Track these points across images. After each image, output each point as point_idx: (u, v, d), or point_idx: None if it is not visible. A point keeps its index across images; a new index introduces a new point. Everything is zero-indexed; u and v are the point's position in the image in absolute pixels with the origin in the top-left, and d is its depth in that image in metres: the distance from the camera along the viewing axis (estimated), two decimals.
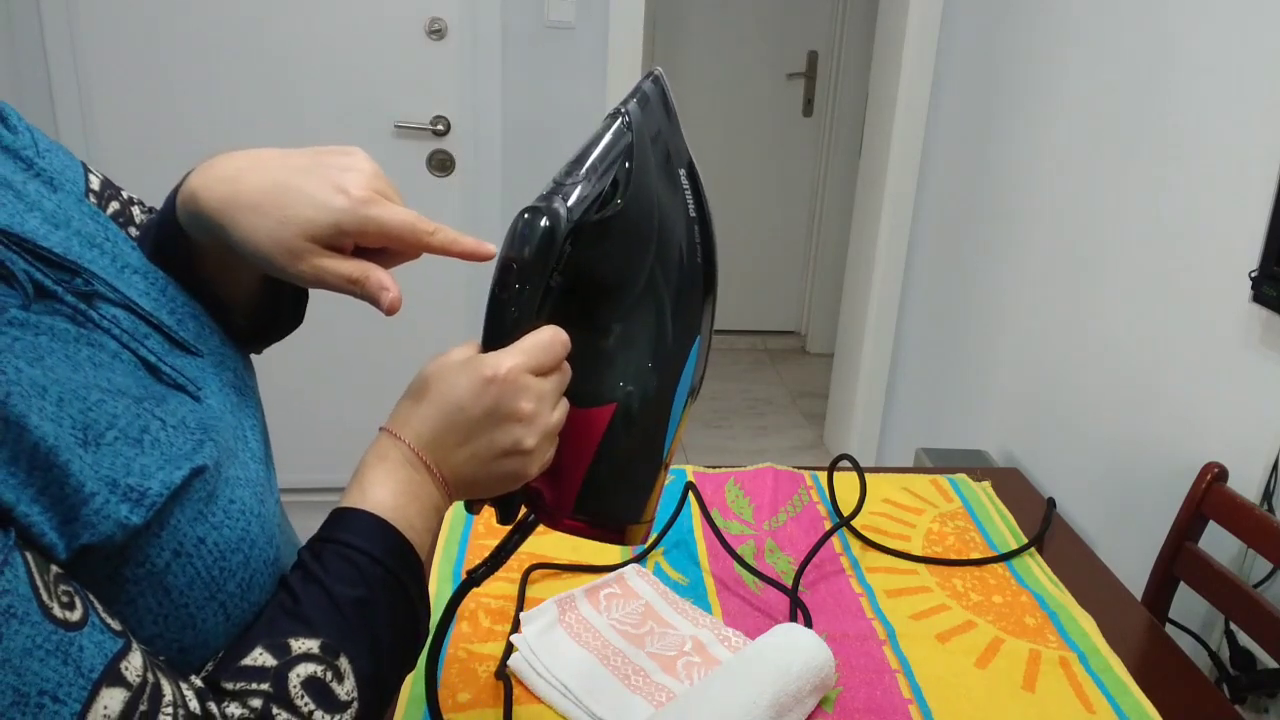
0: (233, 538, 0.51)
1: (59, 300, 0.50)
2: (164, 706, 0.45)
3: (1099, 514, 1.67)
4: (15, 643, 0.40)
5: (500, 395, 0.57)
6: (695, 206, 0.69)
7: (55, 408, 0.44)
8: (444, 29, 2.43)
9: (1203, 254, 1.44)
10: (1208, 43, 1.44)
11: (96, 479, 0.45)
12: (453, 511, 1.23)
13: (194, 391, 0.55)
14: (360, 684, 0.52)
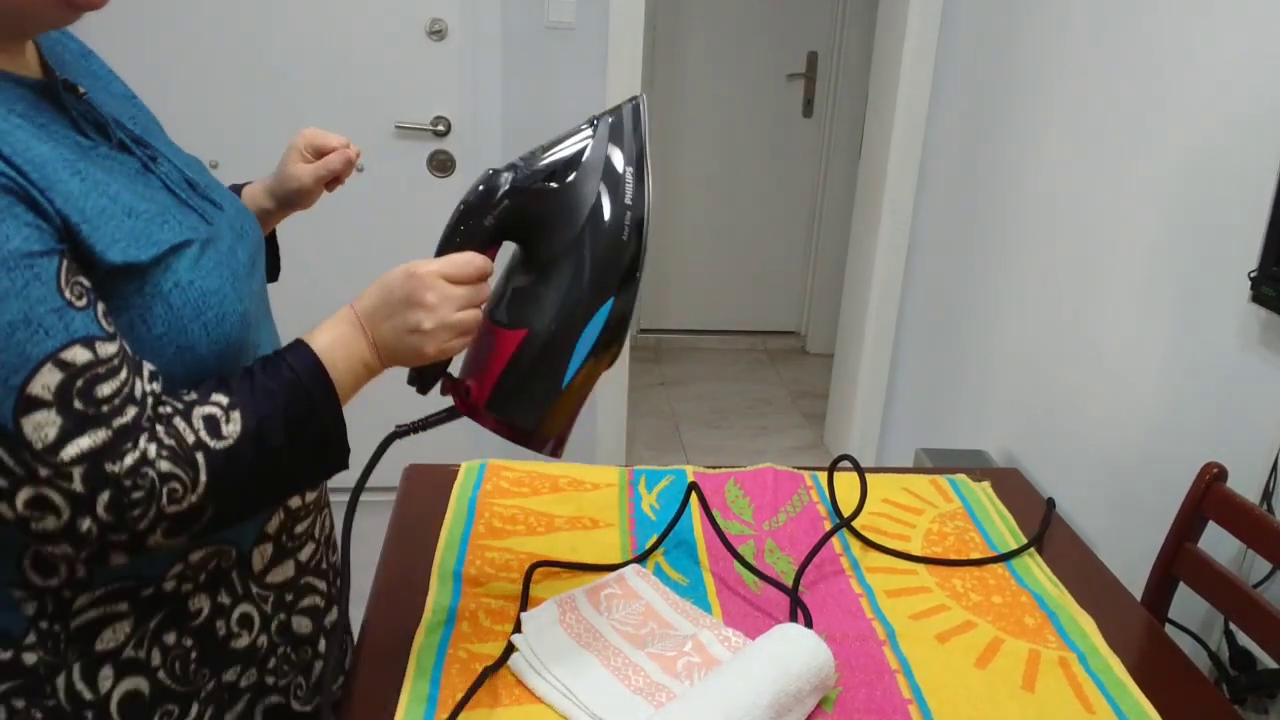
0: (211, 287, 0.76)
1: (132, 154, 0.79)
2: (117, 375, 0.68)
3: (1099, 514, 1.67)
4: (33, 293, 0.64)
5: (415, 286, 0.79)
6: (634, 201, 0.86)
7: (111, 200, 0.71)
8: (444, 29, 2.43)
9: (1202, 254, 1.44)
10: (1208, 43, 1.44)
11: (129, 234, 0.71)
12: (452, 514, 1.23)
13: (206, 216, 0.81)
14: (243, 434, 0.72)
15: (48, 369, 0.64)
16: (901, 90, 2.49)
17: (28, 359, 0.63)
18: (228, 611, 0.84)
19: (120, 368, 0.68)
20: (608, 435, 2.79)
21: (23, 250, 0.64)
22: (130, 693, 0.78)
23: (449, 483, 1.30)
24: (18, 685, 0.74)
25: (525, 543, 1.17)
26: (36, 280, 0.64)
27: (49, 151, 0.69)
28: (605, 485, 1.31)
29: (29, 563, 0.73)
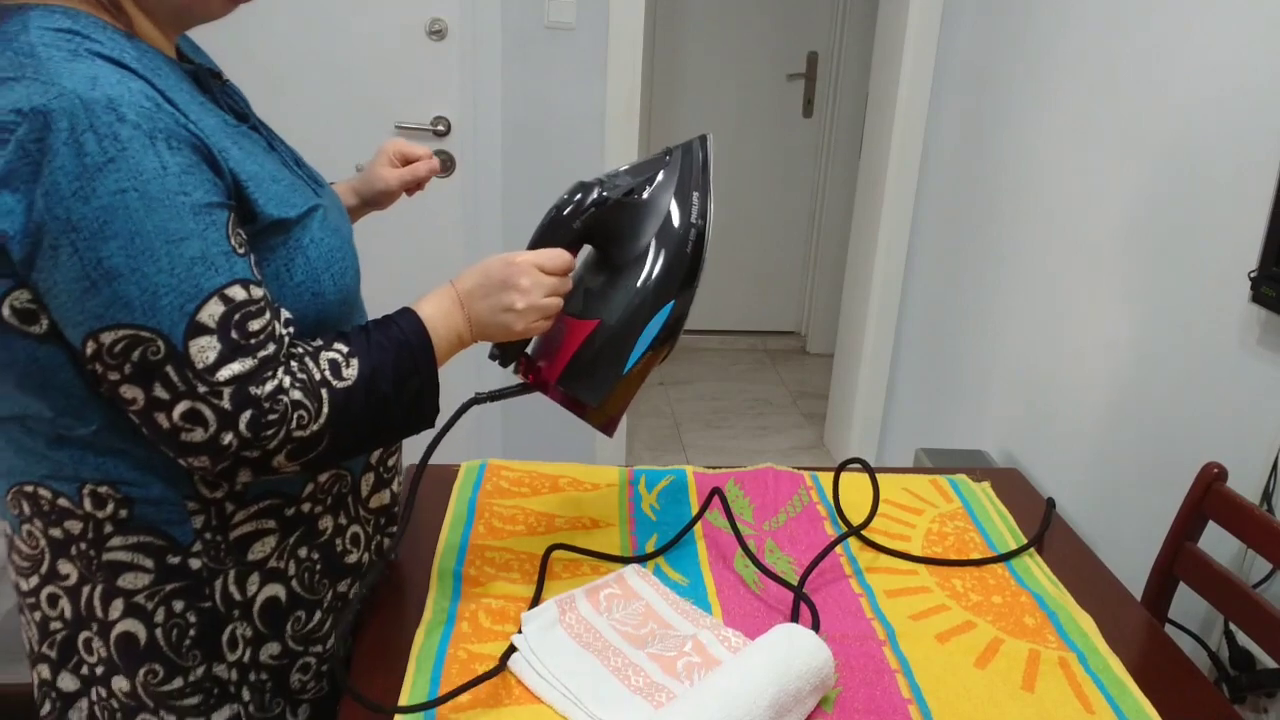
0: (335, 244, 0.90)
1: (259, 134, 0.92)
2: (264, 315, 0.80)
3: (1099, 514, 1.67)
4: (210, 237, 0.76)
5: (511, 272, 0.92)
6: (699, 219, 1.01)
7: (260, 168, 0.84)
8: (444, 29, 2.43)
9: (1202, 254, 1.44)
10: (1207, 42, 1.44)
11: (277, 197, 0.85)
12: (452, 514, 1.23)
13: (316, 190, 0.93)
14: (359, 379, 0.84)
15: (214, 301, 0.77)
16: (901, 90, 2.49)
17: (200, 290, 0.76)
18: (344, 530, 0.98)
19: (265, 309, 0.81)
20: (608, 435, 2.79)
21: (205, 201, 0.76)
22: (270, 599, 0.92)
23: (449, 483, 1.30)
24: (180, 587, 0.87)
25: (525, 543, 1.17)
26: (213, 226, 0.77)
27: (215, 123, 0.82)
28: (605, 485, 1.31)
29: (199, 477, 0.86)
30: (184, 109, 0.78)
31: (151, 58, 0.80)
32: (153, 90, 0.76)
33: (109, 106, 0.72)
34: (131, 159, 0.73)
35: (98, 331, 0.74)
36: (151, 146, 0.74)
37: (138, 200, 0.73)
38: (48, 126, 0.71)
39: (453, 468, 1.34)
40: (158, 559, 0.86)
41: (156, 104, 0.75)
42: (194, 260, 0.75)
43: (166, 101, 0.77)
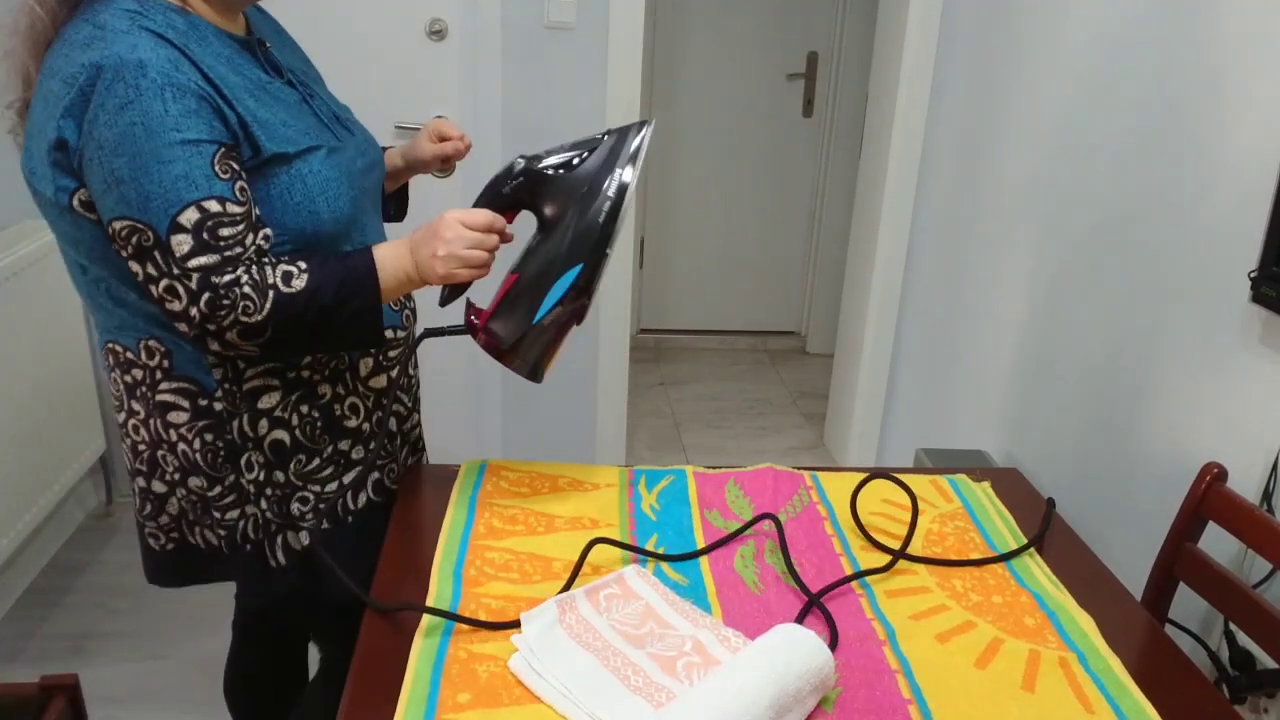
0: (332, 176, 1.12)
1: (296, 89, 1.18)
2: (236, 226, 1.03)
3: (1099, 514, 1.67)
4: (194, 163, 1.00)
5: (439, 224, 1.10)
6: (616, 194, 1.12)
7: (273, 115, 1.09)
8: (444, 29, 2.43)
9: (1202, 254, 1.44)
10: (1207, 42, 1.44)
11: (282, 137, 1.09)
12: (452, 514, 1.23)
13: (338, 135, 1.18)
14: (304, 290, 1.05)
15: (192, 209, 1.00)
16: (901, 90, 2.49)
17: (181, 199, 1.00)
18: (342, 399, 1.21)
19: (240, 222, 1.03)
20: (608, 435, 2.79)
21: (194, 138, 1.00)
22: (276, 440, 1.17)
23: (449, 483, 1.30)
24: (210, 423, 1.14)
25: (525, 543, 1.17)
26: (199, 155, 1.01)
27: (238, 81, 1.08)
28: (605, 485, 1.31)
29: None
30: (208, 69, 1.04)
31: (199, 30, 1.07)
32: (180, 56, 1.02)
33: (138, 65, 0.99)
34: (145, 103, 0.98)
35: (112, 220, 1.01)
36: (160, 96, 0.99)
37: (142, 131, 0.99)
38: (98, 75, 0.98)
39: (453, 468, 1.34)
40: (192, 400, 1.14)
41: (176, 66, 1.00)
42: (178, 178, 1.00)
43: (191, 64, 1.02)
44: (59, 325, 2.35)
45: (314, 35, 2.40)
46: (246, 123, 1.06)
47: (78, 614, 2.27)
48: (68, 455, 2.38)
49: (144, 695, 2.04)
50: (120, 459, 2.68)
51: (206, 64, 1.04)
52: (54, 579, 2.39)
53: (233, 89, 1.06)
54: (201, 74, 1.02)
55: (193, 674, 2.11)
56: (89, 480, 2.66)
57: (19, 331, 2.16)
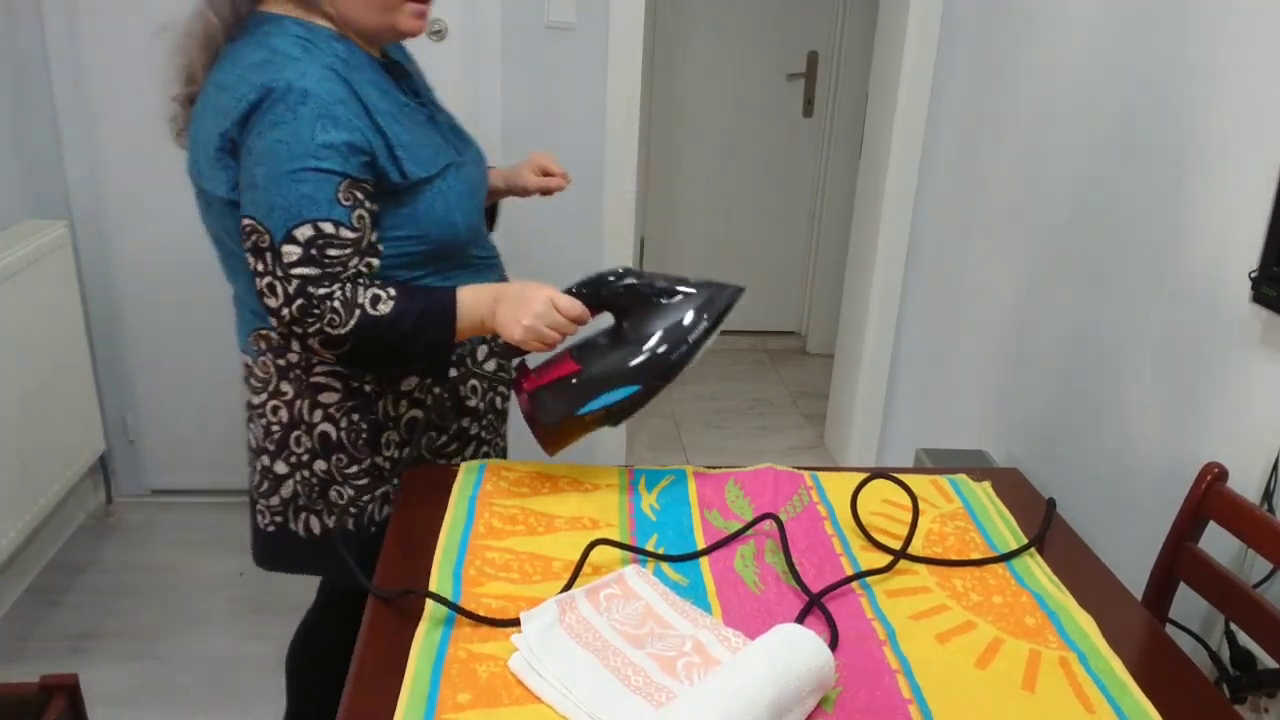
0: (465, 190, 1.28)
1: (425, 107, 1.30)
2: (344, 249, 1.15)
3: (1099, 514, 1.67)
4: (322, 186, 1.13)
5: (534, 295, 1.18)
6: (697, 339, 1.21)
7: (414, 139, 1.22)
8: (444, 29, 2.43)
9: (1203, 254, 1.44)
10: (1207, 42, 1.44)
11: (423, 160, 1.23)
12: (452, 514, 1.23)
13: (459, 150, 1.32)
14: (388, 315, 1.16)
15: (307, 225, 1.13)
16: (901, 90, 2.49)
17: (300, 215, 1.12)
18: (465, 380, 1.39)
19: (348, 246, 1.15)
20: (608, 435, 2.79)
21: (328, 167, 1.13)
22: (411, 418, 1.34)
23: (449, 483, 1.30)
24: (358, 404, 1.30)
25: (525, 543, 1.17)
26: (327, 181, 1.13)
27: (386, 107, 1.21)
28: (605, 485, 1.31)
29: None
30: (366, 100, 1.18)
31: (357, 57, 1.21)
32: (346, 92, 1.16)
33: (302, 93, 1.12)
34: (296, 126, 1.12)
35: (242, 216, 1.15)
36: (312, 124, 1.12)
37: (285, 149, 1.12)
38: (267, 95, 1.12)
39: (453, 468, 1.34)
40: (344, 382, 1.29)
41: (338, 100, 1.14)
42: (304, 196, 1.12)
43: (354, 96, 1.16)
44: (59, 325, 2.35)
45: None
46: (393, 148, 1.19)
47: (78, 614, 2.27)
48: (68, 455, 2.38)
49: (144, 695, 2.04)
50: (121, 459, 2.68)
51: (364, 92, 1.18)
52: (54, 579, 2.39)
53: (383, 116, 1.19)
54: (361, 105, 1.17)
55: (193, 674, 2.11)
56: (89, 480, 2.66)
57: (19, 331, 2.16)
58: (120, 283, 2.55)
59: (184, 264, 2.55)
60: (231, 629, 2.26)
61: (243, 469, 2.80)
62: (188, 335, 2.62)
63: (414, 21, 1.23)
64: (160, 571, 2.45)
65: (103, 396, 2.60)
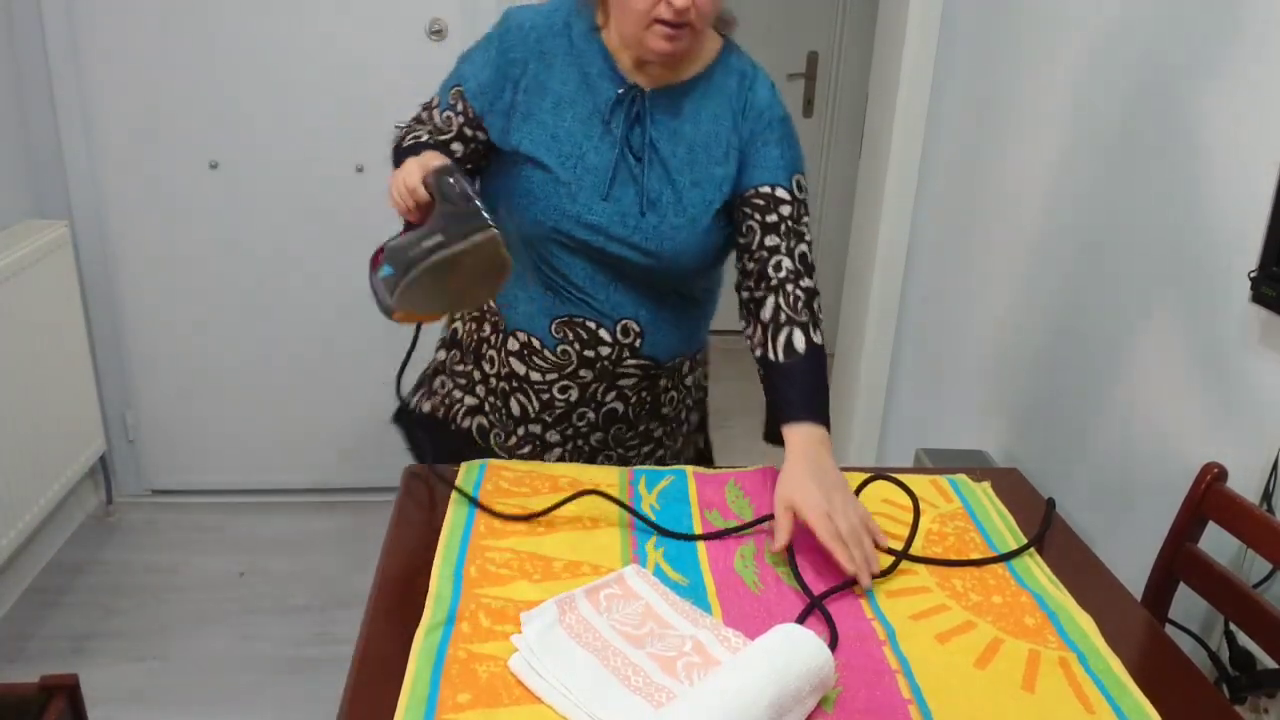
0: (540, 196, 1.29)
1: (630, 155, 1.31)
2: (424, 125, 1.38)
3: (1099, 514, 1.67)
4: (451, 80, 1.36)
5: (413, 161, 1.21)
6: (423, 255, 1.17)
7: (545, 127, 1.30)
8: (444, 29, 2.43)
9: (1202, 254, 1.44)
10: (1207, 42, 1.44)
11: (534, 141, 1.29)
12: (452, 514, 1.23)
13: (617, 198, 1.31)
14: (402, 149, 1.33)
15: (435, 97, 1.36)
16: (901, 90, 2.49)
17: (438, 91, 1.36)
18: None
19: (427, 123, 1.37)
20: None
21: (463, 70, 1.34)
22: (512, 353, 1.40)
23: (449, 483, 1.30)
24: (481, 315, 1.41)
25: (525, 543, 1.17)
26: (455, 75, 1.34)
27: (563, 91, 1.29)
28: (605, 485, 1.31)
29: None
30: (560, 69, 1.29)
31: (588, 42, 1.30)
32: (544, 35, 1.29)
33: (504, 17, 1.31)
34: (483, 39, 1.34)
35: None
36: (483, 43, 1.33)
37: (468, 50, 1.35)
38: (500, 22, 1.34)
39: (453, 468, 1.34)
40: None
41: (511, 43, 1.29)
42: (445, 83, 1.35)
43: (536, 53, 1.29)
44: (59, 325, 2.35)
45: (314, 35, 2.40)
46: (512, 110, 1.29)
47: (78, 614, 2.27)
48: (68, 455, 2.38)
49: (144, 695, 2.04)
50: (121, 459, 2.68)
51: (563, 62, 1.29)
52: (54, 579, 2.39)
53: (542, 86, 1.29)
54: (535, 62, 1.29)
55: (193, 674, 2.12)
56: (89, 480, 2.66)
57: (19, 331, 2.16)
58: (120, 283, 2.55)
59: (184, 263, 2.55)
60: (231, 629, 2.26)
61: (242, 469, 2.81)
62: (188, 335, 2.62)
63: (660, 42, 1.21)
64: (160, 571, 2.45)
65: (103, 396, 2.60)
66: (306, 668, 2.16)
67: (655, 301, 1.37)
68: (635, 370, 1.40)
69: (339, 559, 2.54)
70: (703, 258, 1.36)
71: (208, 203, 2.50)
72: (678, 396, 1.50)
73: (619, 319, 1.35)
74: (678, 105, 1.31)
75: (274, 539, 2.62)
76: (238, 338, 2.64)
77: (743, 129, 1.33)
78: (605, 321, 1.35)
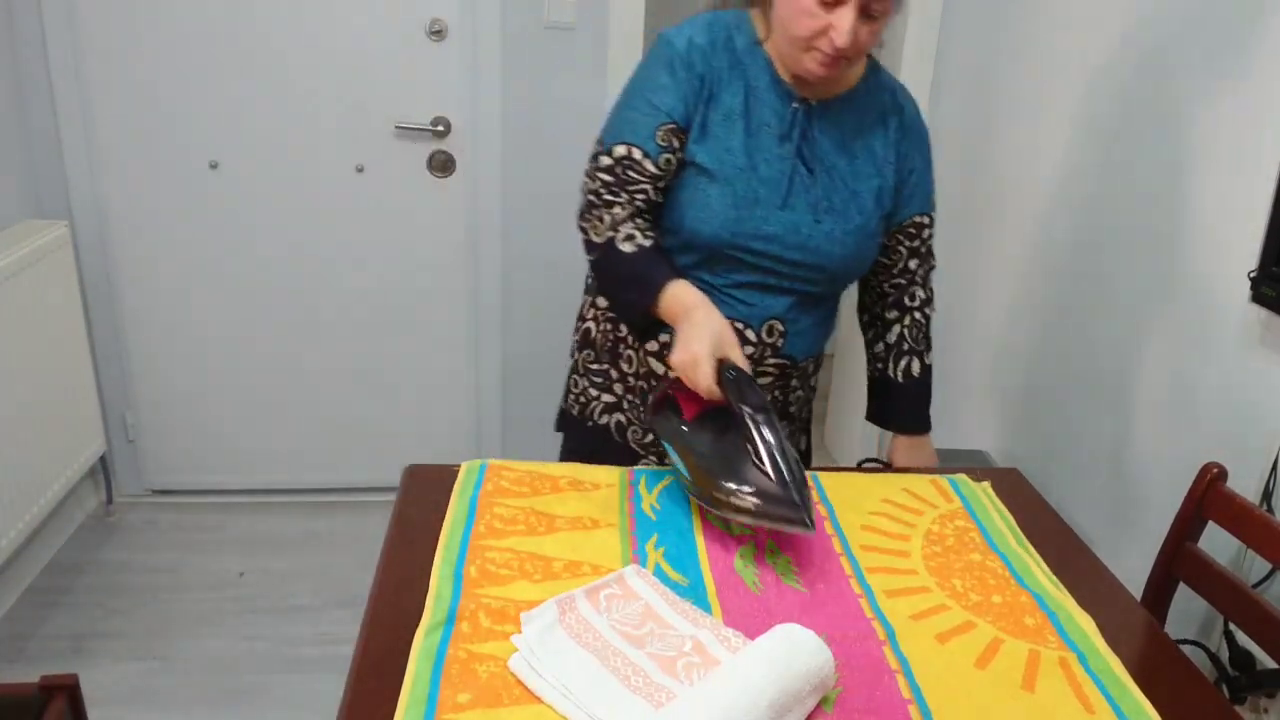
0: (715, 205, 1.32)
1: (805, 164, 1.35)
2: (641, 174, 1.32)
3: (1099, 514, 1.67)
4: (647, 118, 1.32)
5: (698, 342, 1.20)
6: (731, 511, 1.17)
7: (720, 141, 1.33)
8: (444, 29, 2.43)
9: (1202, 254, 1.44)
10: (1207, 42, 1.44)
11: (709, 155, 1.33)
12: (452, 514, 1.23)
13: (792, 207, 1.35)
14: (619, 258, 1.31)
15: (622, 145, 1.32)
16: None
17: (621, 135, 1.33)
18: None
19: (644, 179, 1.32)
20: None
21: (658, 104, 1.31)
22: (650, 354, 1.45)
23: (449, 483, 1.30)
24: (615, 317, 1.46)
25: (525, 543, 1.17)
26: (652, 116, 1.31)
27: (728, 100, 1.33)
28: (606, 485, 1.31)
29: None
30: (727, 84, 1.32)
31: (754, 57, 1.34)
32: (713, 52, 1.32)
33: (668, 42, 1.32)
34: (649, 67, 1.33)
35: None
36: (665, 66, 1.31)
37: (637, 81, 1.35)
38: (653, 46, 1.36)
39: (453, 468, 1.34)
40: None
41: (701, 56, 1.31)
42: (627, 121, 1.33)
43: (710, 71, 1.31)
44: (59, 325, 2.35)
45: (314, 35, 2.40)
46: (691, 126, 1.32)
47: (78, 614, 2.27)
48: (68, 455, 2.38)
49: (144, 695, 2.04)
50: (121, 459, 2.69)
51: (728, 77, 1.32)
52: (54, 579, 2.39)
53: (716, 100, 1.32)
54: (712, 80, 1.31)
55: (193, 674, 2.11)
56: (89, 480, 2.66)
57: (19, 331, 2.16)
58: (120, 283, 2.55)
59: (184, 264, 2.55)
60: (231, 629, 2.26)
61: (242, 469, 2.81)
62: (188, 335, 2.62)
63: (816, 67, 1.27)
64: (160, 571, 2.45)
65: (103, 396, 2.60)
66: (306, 668, 2.16)
67: (801, 303, 1.42)
68: (773, 369, 1.45)
69: (339, 559, 2.54)
70: (864, 263, 1.45)
71: (208, 203, 2.50)
72: (803, 396, 1.55)
73: (766, 319, 1.39)
74: (840, 117, 1.37)
75: (274, 539, 2.62)
76: (238, 338, 2.64)
77: (902, 146, 1.43)
78: (752, 321, 1.39)
